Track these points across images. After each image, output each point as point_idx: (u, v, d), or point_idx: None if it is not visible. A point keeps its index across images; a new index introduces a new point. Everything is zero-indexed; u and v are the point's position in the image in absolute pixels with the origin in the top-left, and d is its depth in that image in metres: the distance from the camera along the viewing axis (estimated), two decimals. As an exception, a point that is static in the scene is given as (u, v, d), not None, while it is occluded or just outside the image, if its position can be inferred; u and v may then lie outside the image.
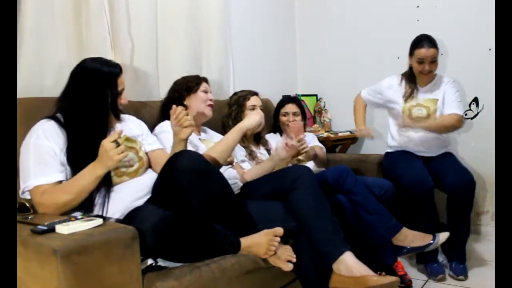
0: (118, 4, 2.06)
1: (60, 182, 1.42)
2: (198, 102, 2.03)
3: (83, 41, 1.93)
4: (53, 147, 1.43)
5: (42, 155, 1.41)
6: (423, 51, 2.29)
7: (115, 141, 1.36)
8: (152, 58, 2.23)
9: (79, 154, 1.44)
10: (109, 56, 2.00)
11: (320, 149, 2.63)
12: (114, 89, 1.53)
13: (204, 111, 2.04)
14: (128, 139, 1.64)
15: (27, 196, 1.42)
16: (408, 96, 2.40)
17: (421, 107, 2.38)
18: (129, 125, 1.72)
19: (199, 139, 1.99)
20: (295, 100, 2.60)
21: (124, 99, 1.60)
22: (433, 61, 2.30)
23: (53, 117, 1.50)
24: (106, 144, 1.35)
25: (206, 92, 2.06)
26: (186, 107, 1.98)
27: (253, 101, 2.28)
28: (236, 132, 1.82)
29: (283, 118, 2.53)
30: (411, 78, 2.41)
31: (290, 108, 2.53)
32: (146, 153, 1.70)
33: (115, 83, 1.54)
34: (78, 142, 1.45)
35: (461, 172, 2.23)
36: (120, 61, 2.09)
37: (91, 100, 1.50)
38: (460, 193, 2.17)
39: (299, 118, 2.51)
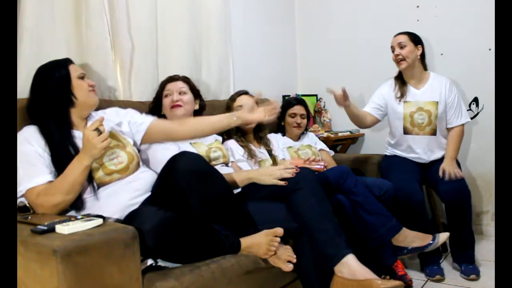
0: (118, 4, 2.06)
1: (52, 182, 1.42)
2: (164, 110, 2.00)
3: (83, 41, 1.93)
4: (37, 149, 1.45)
5: (27, 159, 1.42)
6: (392, 40, 2.39)
7: (97, 129, 1.37)
8: (152, 58, 2.23)
9: (57, 156, 1.46)
10: (109, 56, 2.00)
11: (327, 154, 2.63)
12: (66, 79, 1.54)
13: (170, 115, 1.99)
14: (112, 135, 1.63)
15: (23, 200, 1.42)
16: (401, 97, 2.40)
17: (422, 112, 2.37)
18: (107, 119, 1.71)
19: (190, 143, 1.97)
20: (302, 102, 2.62)
21: (89, 81, 1.61)
22: (403, 46, 2.33)
23: (34, 123, 1.52)
24: (88, 133, 1.36)
25: (167, 95, 1.99)
26: (164, 116, 2.00)
27: (238, 101, 2.27)
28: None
29: (290, 119, 2.54)
30: (400, 76, 2.44)
31: (298, 109, 2.55)
32: (143, 140, 1.72)
33: (67, 73, 1.55)
34: (51, 142, 1.47)
35: (455, 181, 2.21)
36: (120, 61, 2.09)
37: (47, 98, 1.52)
38: (455, 203, 2.17)
39: (305, 120, 2.56)
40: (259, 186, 1.79)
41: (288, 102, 2.61)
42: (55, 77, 1.54)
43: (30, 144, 1.45)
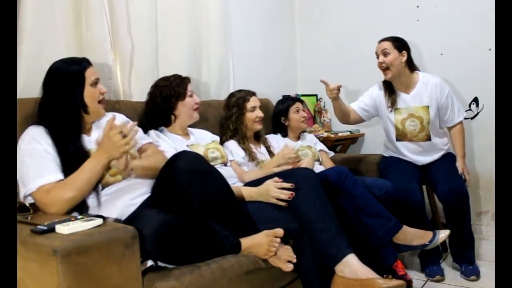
0: (118, 4, 2.06)
1: (62, 180, 1.42)
2: (187, 109, 1.98)
3: (83, 41, 1.93)
4: (46, 148, 1.44)
5: (36, 157, 1.42)
6: (377, 46, 2.36)
7: (121, 131, 1.38)
8: (152, 58, 2.23)
9: (64, 155, 1.45)
10: (109, 56, 2.00)
11: (326, 155, 2.64)
12: (80, 86, 1.53)
13: (193, 116, 2.01)
14: None
15: (30, 200, 1.42)
16: (391, 105, 2.37)
17: (414, 119, 2.34)
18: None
19: (187, 145, 1.97)
20: (298, 98, 2.72)
21: (101, 88, 1.60)
22: (387, 53, 2.28)
23: (40, 123, 1.51)
24: (113, 134, 1.37)
25: (191, 95, 2.00)
26: (175, 116, 1.98)
27: (252, 102, 2.28)
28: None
29: (296, 116, 2.57)
30: (388, 84, 2.39)
31: (298, 105, 2.60)
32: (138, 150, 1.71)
33: (82, 79, 1.54)
34: (61, 144, 1.47)
35: (453, 180, 2.20)
36: (120, 61, 2.09)
37: (61, 101, 1.51)
38: (453, 204, 2.16)
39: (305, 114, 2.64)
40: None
41: (287, 103, 2.61)
42: (69, 77, 1.52)
43: (38, 143, 1.44)
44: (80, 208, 1.43)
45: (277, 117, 2.61)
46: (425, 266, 2.24)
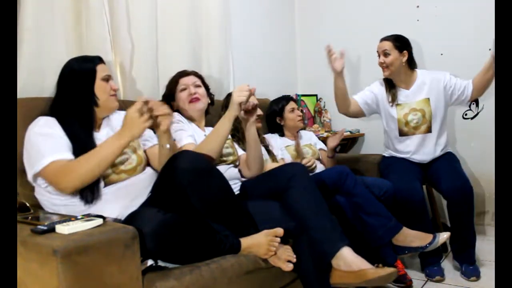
0: (118, 4, 2.06)
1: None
2: (182, 103, 2.00)
3: (83, 41, 1.93)
4: (58, 132, 1.46)
5: (48, 138, 1.44)
6: (378, 44, 2.36)
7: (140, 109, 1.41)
8: (152, 58, 2.23)
9: (75, 145, 1.47)
10: (109, 56, 2.00)
11: (324, 153, 2.64)
12: (91, 79, 1.56)
13: (190, 108, 2.00)
14: None
15: (40, 182, 1.44)
16: (392, 101, 2.38)
17: (416, 112, 2.35)
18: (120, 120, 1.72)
19: (204, 135, 1.98)
20: (291, 97, 2.69)
21: (113, 85, 1.62)
22: (387, 53, 2.29)
23: (49, 114, 1.52)
24: (132, 113, 1.39)
25: (184, 89, 2.00)
26: (180, 112, 2.01)
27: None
28: (223, 122, 1.75)
29: (291, 115, 2.56)
30: (389, 80, 2.40)
31: (293, 104, 2.59)
32: (145, 151, 1.71)
33: (93, 74, 1.56)
34: (71, 136, 1.48)
35: (457, 177, 2.21)
36: (120, 61, 2.10)
37: (73, 96, 1.53)
38: (457, 199, 2.16)
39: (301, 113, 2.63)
40: (256, 186, 1.79)
41: (281, 103, 2.61)
42: (81, 74, 1.55)
43: (50, 128, 1.46)
44: (87, 199, 1.44)
45: (272, 117, 2.60)
46: (425, 266, 2.24)
